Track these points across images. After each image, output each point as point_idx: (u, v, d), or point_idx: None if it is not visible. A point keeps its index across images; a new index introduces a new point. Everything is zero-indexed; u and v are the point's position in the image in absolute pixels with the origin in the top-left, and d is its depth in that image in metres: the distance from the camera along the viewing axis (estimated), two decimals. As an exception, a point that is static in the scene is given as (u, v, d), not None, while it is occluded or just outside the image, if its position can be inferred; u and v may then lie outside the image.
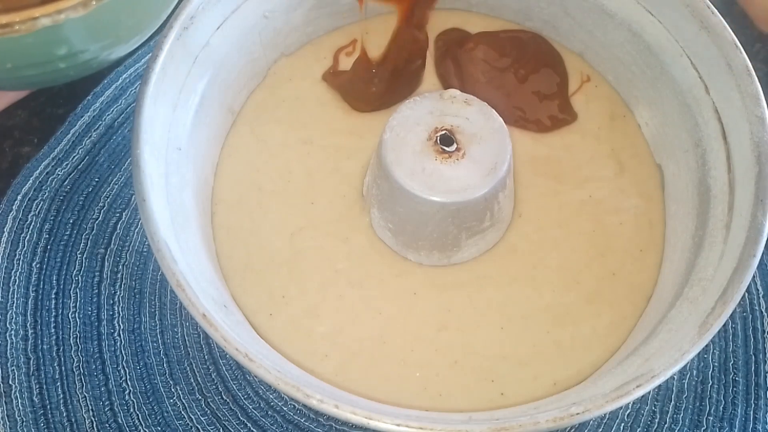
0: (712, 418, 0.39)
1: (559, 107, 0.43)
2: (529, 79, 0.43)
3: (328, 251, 0.38)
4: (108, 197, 0.42)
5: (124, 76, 0.46)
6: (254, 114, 0.42)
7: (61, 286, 0.40)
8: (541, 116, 0.42)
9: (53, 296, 0.40)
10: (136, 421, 0.38)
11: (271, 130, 0.42)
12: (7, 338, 0.39)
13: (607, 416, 0.38)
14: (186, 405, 0.38)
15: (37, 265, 0.41)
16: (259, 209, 0.39)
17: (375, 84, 0.42)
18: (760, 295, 0.42)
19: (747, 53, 0.35)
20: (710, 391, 0.39)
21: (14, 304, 0.40)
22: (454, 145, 0.36)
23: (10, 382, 0.38)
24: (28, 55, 0.21)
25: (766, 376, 0.39)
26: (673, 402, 0.39)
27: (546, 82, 0.43)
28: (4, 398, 0.37)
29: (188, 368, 0.39)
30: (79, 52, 0.22)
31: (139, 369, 0.39)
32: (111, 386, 0.38)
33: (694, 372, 0.40)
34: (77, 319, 0.39)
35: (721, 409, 0.39)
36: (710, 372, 0.40)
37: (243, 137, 0.41)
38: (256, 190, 0.40)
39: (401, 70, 0.42)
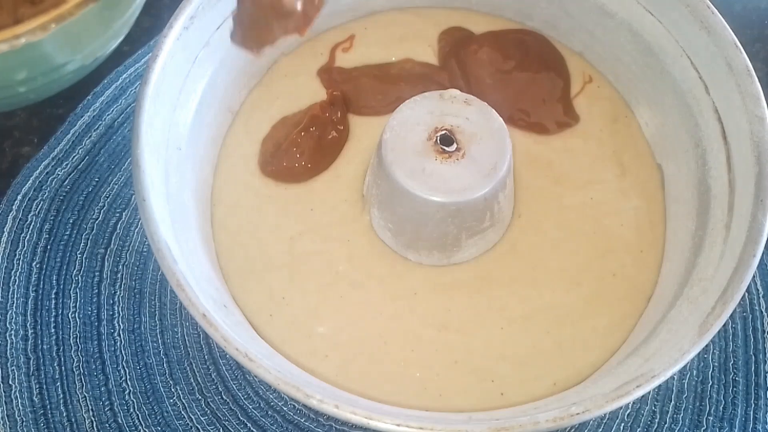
0: (712, 418, 0.39)
1: (562, 110, 0.43)
2: (533, 81, 0.43)
3: (328, 253, 0.38)
4: (108, 197, 0.42)
5: (124, 76, 0.46)
6: (250, 113, 0.42)
7: (61, 286, 0.40)
8: (544, 119, 0.42)
9: (53, 296, 0.40)
10: (136, 421, 0.38)
11: (266, 130, 0.42)
12: (7, 338, 0.39)
13: (607, 416, 0.38)
14: (186, 405, 0.38)
15: (37, 265, 0.41)
16: (258, 211, 0.39)
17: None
18: (760, 295, 0.42)
19: (747, 53, 0.35)
20: (710, 391, 0.39)
21: (14, 304, 0.40)
22: (454, 145, 0.36)
23: (10, 382, 0.38)
24: None
25: (766, 376, 0.39)
26: (673, 402, 0.39)
27: (550, 84, 0.43)
28: (4, 398, 0.37)
29: (188, 368, 0.39)
30: (39, 75, 0.22)
31: (139, 369, 0.39)
32: (111, 386, 0.38)
33: (694, 372, 0.40)
34: (77, 319, 0.39)
35: (721, 409, 0.39)
36: (710, 372, 0.40)
37: (239, 137, 0.41)
38: (253, 192, 0.40)
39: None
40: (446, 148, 0.36)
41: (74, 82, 0.23)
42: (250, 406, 0.38)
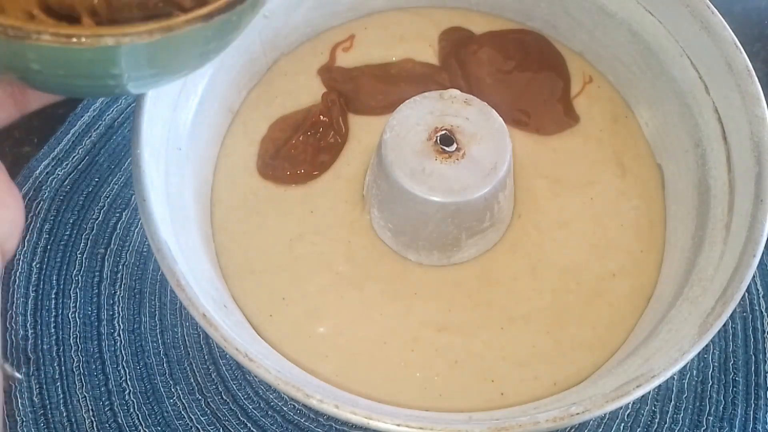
0: (712, 418, 0.39)
1: (562, 110, 0.43)
2: (533, 81, 0.43)
3: (328, 253, 0.38)
4: (108, 197, 0.42)
5: (124, 76, 0.46)
6: (250, 113, 0.42)
7: (61, 286, 0.40)
8: (545, 119, 0.42)
9: (53, 296, 0.40)
10: (136, 421, 0.38)
11: (266, 130, 0.42)
12: (7, 338, 0.39)
13: (607, 416, 0.38)
14: (186, 405, 0.38)
15: (37, 265, 0.41)
16: (258, 212, 0.39)
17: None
18: (760, 295, 0.42)
19: (747, 53, 0.35)
20: (710, 391, 0.39)
21: (14, 304, 0.40)
22: (454, 145, 0.36)
23: (10, 383, 0.38)
24: (82, 67, 0.22)
25: (766, 376, 0.39)
26: (673, 402, 0.39)
27: (550, 85, 0.43)
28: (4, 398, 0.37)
29: (188, 368, 0.39)
30: (134, 75, 0.23)
31: (139, 369, 0.39)
32: (111, 386, 0.38)
33: (694, 372, 0.40)
34: (77, 319, 0.39)
35: (721, 409, 0.39)
36: (710, 372, 0.40)
37: (239, 137, 0.41)
38: (253, 192, 0.40)
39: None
40: (446, 148, 0.36)
41: (157, 87, 0.25)
42: (250, 406, 0.38)
